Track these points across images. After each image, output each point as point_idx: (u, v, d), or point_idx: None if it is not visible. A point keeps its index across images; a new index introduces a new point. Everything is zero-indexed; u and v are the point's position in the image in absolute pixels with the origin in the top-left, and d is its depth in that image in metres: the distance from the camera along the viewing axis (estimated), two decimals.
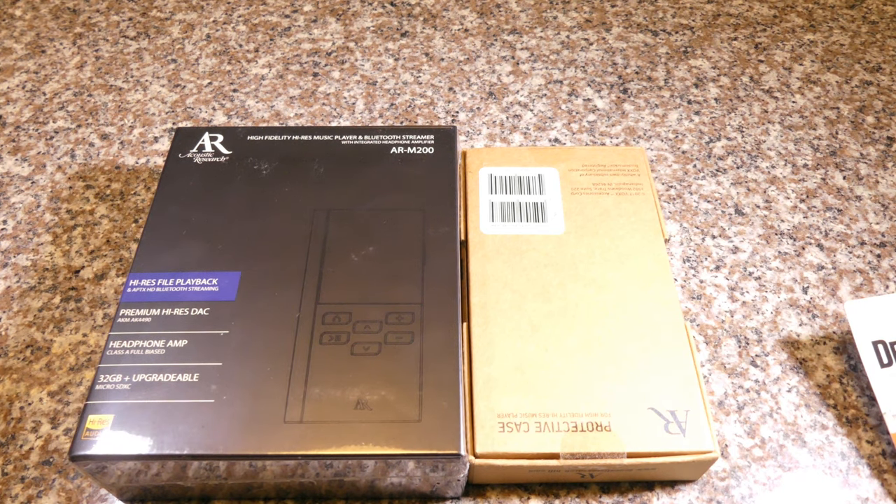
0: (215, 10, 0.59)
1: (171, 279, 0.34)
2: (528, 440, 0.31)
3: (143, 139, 0.49)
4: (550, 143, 0.49)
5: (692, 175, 0.47)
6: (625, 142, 0.49)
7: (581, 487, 0.34)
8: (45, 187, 0.46)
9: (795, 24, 0.59)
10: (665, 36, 0.57)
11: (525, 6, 0.60)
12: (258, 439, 0.29)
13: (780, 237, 0.44)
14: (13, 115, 0.51)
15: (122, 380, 0.31)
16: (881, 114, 0.51)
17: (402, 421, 0.30)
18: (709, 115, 0.51)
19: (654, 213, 0.39)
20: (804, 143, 0.49)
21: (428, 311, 0.33)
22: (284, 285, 0.34)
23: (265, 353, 0.32)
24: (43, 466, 0.34)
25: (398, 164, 0.39)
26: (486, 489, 0.34)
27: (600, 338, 0.34)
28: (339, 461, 0.29)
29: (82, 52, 0.55)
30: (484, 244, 0.37)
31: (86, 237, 0.43)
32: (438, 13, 0.59)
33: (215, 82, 0.53)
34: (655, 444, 0.31)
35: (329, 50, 0.56)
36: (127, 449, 0.29)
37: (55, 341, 0.39)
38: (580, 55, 0.56)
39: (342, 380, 0.31)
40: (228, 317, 0.33)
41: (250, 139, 0.40)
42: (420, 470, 0.30)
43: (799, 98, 0.53)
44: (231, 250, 0.35)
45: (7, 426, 0.36)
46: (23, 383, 0.37)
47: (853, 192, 0.47)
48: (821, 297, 0.41)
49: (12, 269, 0.42)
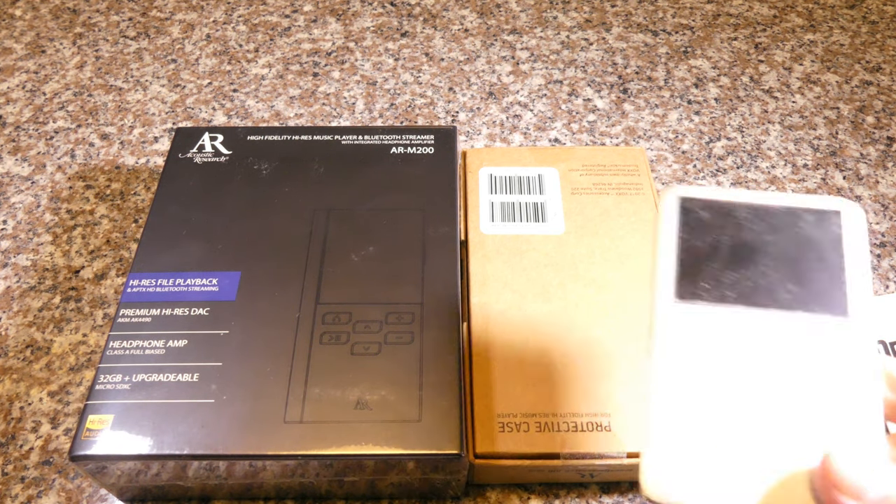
0: (215, 10, 0.59)
1: (171, 279, 0.34)
2: (528, 440, 0.31)
3: (143, 139, 0.49)
4: (550, 143, 0.49)
5: (692, 175, 0.47)
6: (625, 142, 0.49)
7: (581, 487, 0.34)
8: (45, 187, 0.46)
9: (795, 24, 0.59)
10: (665, 36, 0.57)
11: (525, 6, 0.60)
12: (258, 439, 0.29)
13: None
14: (13, 115, 0.51)
15: (122, 380, 0.31)
16: (881, 114, 0.51)
17: (402, 421, 0.30)
18: (709, 115, 0.51)
19: (654, 213, 0.39)
20: (804, 143, 0.49)
21: (428, 311, 0.33)
22: (284, 285, 0.34)
23: (265, 353, 0.32)
24: (43, 466, 0.34)
25: (398, 164, 0.39)
26: (486, 489, 0.34)
27: (600, 338, 0.34)
28: (339, 461, 0.29)
29: (82, 52, 0.55)
30: (484, 244, 0.37)
31: (86, 237, 0.43)
32: (438, 13, 0.59)
33: (215, 82, 0.53)
34: None
35: (329, 50, 0.56)
36: (127, 449, 0.29)
37: (55, 341, 0.39)
38: (580, 55, 0.56)
39: (342, 380, 0.31)
40: (228, 317, 0.33)
41: (250, 139, 0.40)
42: (420, 470, 0.30)
43: (799, 98, 0.53)
44: (231, 250, 0.35)
45: (7, 426, 0.36)
46: (23, 383, 0.37)
47: (853, 192, 0.47)
48: None
49: (12, 269, 0.42)
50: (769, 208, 0.27)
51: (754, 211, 0.27)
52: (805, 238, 0.27)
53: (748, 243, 0.27)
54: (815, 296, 0.25)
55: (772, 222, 0.27)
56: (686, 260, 0.26)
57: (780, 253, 0.26)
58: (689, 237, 0.27)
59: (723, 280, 0.26)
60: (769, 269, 0.26)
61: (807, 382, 0.24)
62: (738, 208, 0.27)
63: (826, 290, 0.25)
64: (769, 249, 0.27)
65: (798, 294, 0.26)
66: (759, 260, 0.26)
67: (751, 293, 0.26)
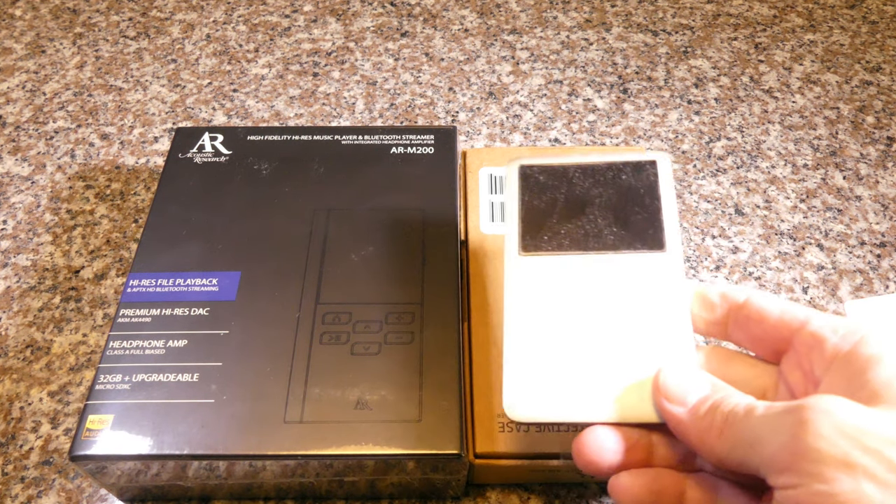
0: (215, 10, 0.59)
1: (171, 279, 0.34)
2: (528, 440, 0.31)
3: (143, 139, 0.49)
4: (550, 143, 0.49)
5: (692, 175, 0.47)
6: (625, 142, 0.49)
7: (581, 487, 0.34)
8: (45, 187, 0.46)
9: (795, 24, 0.59)
10: (665, 36, 0.57)
11: (525, 6, 0.60)
12: (258, 439, 0.29)
13: (780, 237, 0.44)
14: (13, 115, 0.51)
15: (122, 380, 0.31)
16: (881, 114, 0.51)
17: (402, 421, 0.30)
18: (709, 115, 0.51)
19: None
20: (804, 143, 0.49)
21: (428, 311, 0.33)
22: (284, 285, 0.34)
23: (265, 353, 0.32)
24: (43, 466, 0.34)
25: (398, 164, 0.39)
26: (486, 489, 0.34)
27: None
28: (339, 461, 0.29)
29: (82, 52, 0.55)
30: (484, 244, 0.37)
31: (86, 237, 0.43)
32: (438, 13, 0.59)
33: (215, 82, 0.53)
34: None
35: (329, 50, 0.56)
36: (127, 449, 0.29)
37: (55, 341, 0.39)
38: (580, 55, 0.56)
39: (342, 380, 0.31)
40: (228, 317, 0.33)
41: (250, 139, 0.40)
42: (420, 470, 0.30)
43: (799, 98, 0.53)
44: (231, 250, 0.35)
45: (7, 426, 0.36)
46: (23, 383, 0.37)
47: (853, 192, 0.47)
48: (821, 297, 0.41)
49: (12, 269, 0.42)
50: (595, 165, 0.31)
51: (583, 170, 0.31)
52: (627, 187, 0.30)
53: (579, 198, 0.30)
54: (638, 237, 0.29)
55: (598, 178, 0.31)
56: (527, 218, 0.30)
57: (606, 203, 0.30)
58: (530, 198, 0.31)
59: (559, 232, 0.30)
60: (598, 218, 0.30)
61: (636, 308, 0.28)
62: (570, 169, 0.31)
63: (647, 231, 0.29)
64: (597, 201, 0.30)
65: (623, 237, 0.29)
66: (589, 211, 0.30)
67: (583, 240, 0.29)
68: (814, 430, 0.20)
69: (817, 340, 0.24)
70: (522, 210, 0.30)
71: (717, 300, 0.28)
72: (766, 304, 0.27)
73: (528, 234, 0.30)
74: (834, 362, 0.23)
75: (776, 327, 0.26)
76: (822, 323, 0.25)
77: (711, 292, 0.28)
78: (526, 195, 0.31)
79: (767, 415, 0.22)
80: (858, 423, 0.20)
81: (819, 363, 0.24)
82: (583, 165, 0.31)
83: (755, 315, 0.27)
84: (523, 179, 0.31)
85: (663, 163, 0.30)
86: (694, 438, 0.24)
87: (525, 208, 0.30)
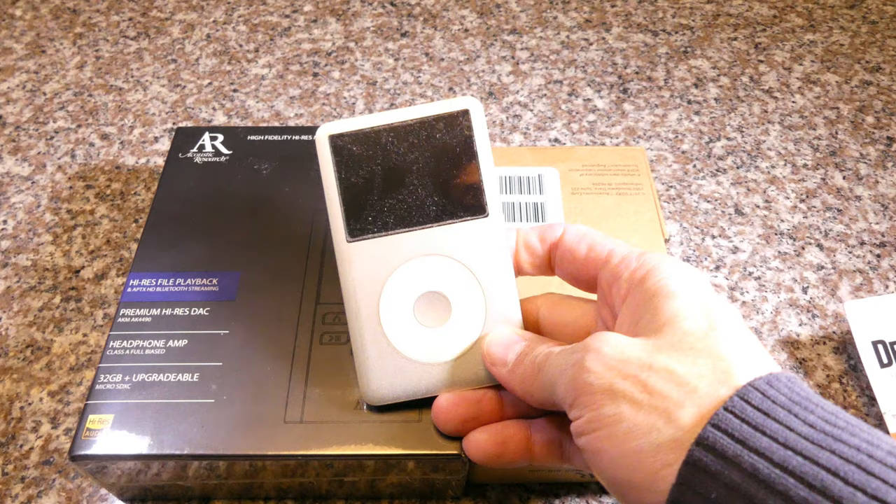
0: (215, 10, 0.59)
1: (171, 279, 0.34)
2: None
3: (143, 139, 0.49)
4: (550, 143, 0.49)
5: (692, 175, 0.47)
6: (625, 142, 0.49)
7: (581, 487, 0.34)
8: (46, 187, 0.46)
9: (795, 24, 0.59)
10: (665, 36, 0.57)
11: (525, 6, 0.60)
12: (258, 439, 0.29)
13: (780, 237, 0.44)
14: (13, 115, 0.51)
15: (123, 379, 0.31)
16: (881, 114, 0.51)
17: (402, 421, 0.30)
18: (709, 115, 0.51)
19: (654, 213, 0.39)
20: (804, 143, 0.49)
21: None
22: (284, 285, 0.34)
23: (265, 353, 0.32)
24: (43, 466, 0.34)
25: None
26: (486, 489, 0.34)
27: None
28: (339, 461, 0.29)
29: (82, 52, 0.55)
30: None
31: (86, 237, 0.43)
32: (438, 13, 0.59)
33: (215, 82, 0.53)
34: None
35: (329, 50, 0.56)
36: (127, 449, 0.29)
37: (55, 341, 0.39)
38: (580, 55, 0.56)
39: (342, 380, 0.31)
40: (228, 317, 0.33)
41: (250, 139, 0.40)
42: (420, 470, 0.30)
43: (799, 98, 0.53)
44: (231, 250, 0.35)
45: (7, 426, 0.36)
46: (23, 383, 0.37)
47: (853, 192, 0.47)
48: (820, 297, 0.41)
49: (12, 269, 0.42)
50: (406, 125, 0.29)
51: (395, 132, 0.29)
52: (442, 146, 0.29)
53: (396, 166, 0.29)
54: (459, 204, 0.29)
55: (412, 139, 0.29)
56: (347, 199, 0.29)
57: (424, 169, 0.29)
58: (346, 174, 0.29)
59: (382, 209, 0.29)
60: (418, 188, 0.29)
61: (464, 278, 0.29)
62: (382, 133, 0.29)
63: (468, 196, 0.29)
64: (414, 167, 0.29)
65: (445, 206, 0.29)
66: (408, 180, 0.29)
67: (406, 216, 0.29)
68: (587, 367, 0.23)
69: (615, 276, 0.26)
70: (342, 191, 0.29)
71: (538, 244, 0.29)
72: (575, 242, 0.28)
73: (351, 217, 0.29)
74: (627, 297, 0.25)
75: (585, 265, 0.28)
76: (619, 258, 0.26)
77: (531, 237, 0.29)
78: (342, 171, 0.29)
79: (558, 359, 0.25)
80: (621, 355, 0.23)
81: (618, 298, 0.26)
82: (395, 126, 0.29)
83: (567, 254, 0.28)
84: (336, 153, 0.29)
85: (476, 110, 0.29)
86: (518, 389, 0.27)
87: (344, 189, 0.29)
